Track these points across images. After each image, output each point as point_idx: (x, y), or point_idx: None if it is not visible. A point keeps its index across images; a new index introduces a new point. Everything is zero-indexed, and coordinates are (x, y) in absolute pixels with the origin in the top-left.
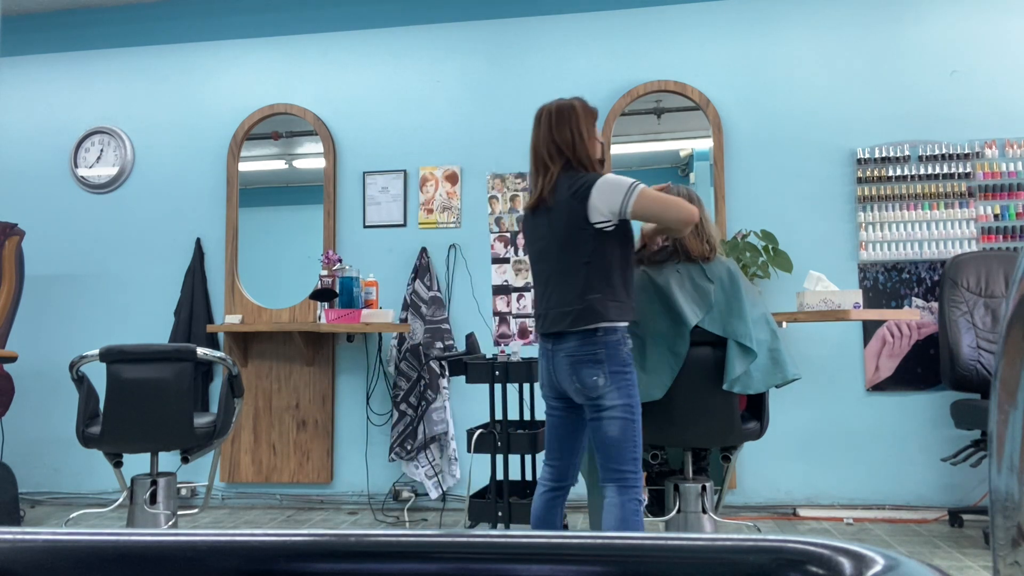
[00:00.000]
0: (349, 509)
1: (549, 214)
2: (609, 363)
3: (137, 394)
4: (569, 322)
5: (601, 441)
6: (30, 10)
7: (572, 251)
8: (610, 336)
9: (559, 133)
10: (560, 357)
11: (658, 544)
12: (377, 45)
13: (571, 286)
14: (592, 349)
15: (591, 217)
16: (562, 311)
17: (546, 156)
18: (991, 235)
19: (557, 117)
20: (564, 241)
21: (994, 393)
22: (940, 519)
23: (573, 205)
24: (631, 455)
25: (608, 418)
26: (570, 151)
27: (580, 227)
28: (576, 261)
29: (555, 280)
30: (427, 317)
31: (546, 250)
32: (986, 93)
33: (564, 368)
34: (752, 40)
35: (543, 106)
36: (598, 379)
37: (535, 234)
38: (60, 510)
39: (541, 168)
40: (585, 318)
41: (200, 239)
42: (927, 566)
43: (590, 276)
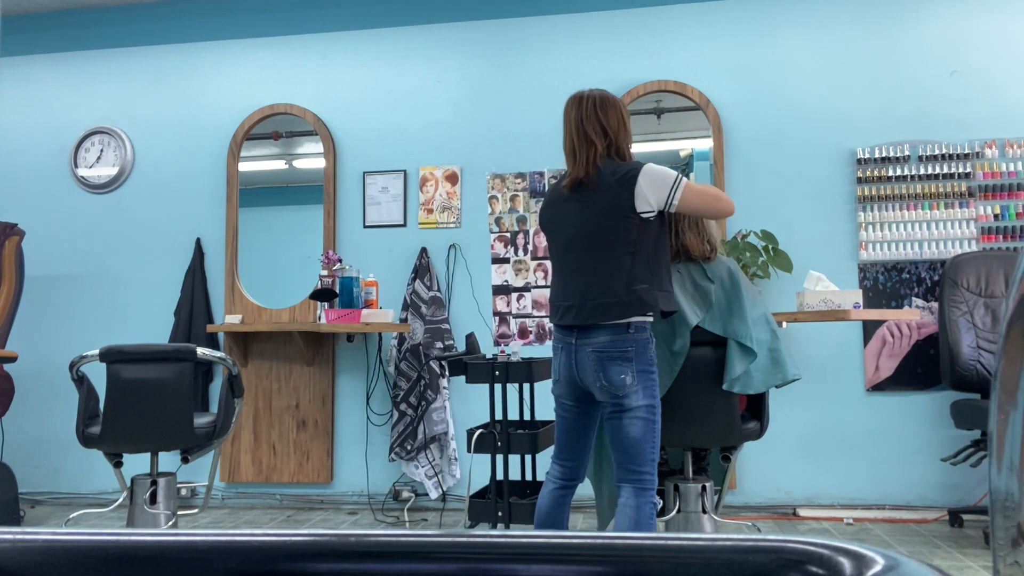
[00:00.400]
0: (349, 509)
1: (586, 200)
2: (637, 361)
3: (137, 394)
4: (615, 313)
5: (621, 441)
6: (30, 10)
7: (615, 239)
8: (640, 334)
9: (606, 116)
10: (586, 352)
11: (658, 544)
12: (377, 45)
13: (615, 276)
14: (622, 346)
15: (637, 205)
16: (604, 302)
17: (592, 133)
18: (991, 235)
19: (602, 102)
20: (607, 229)
21: (994, 393)
22: (940, 519)
23: (618, 191)
24: (650, 456)
25: (631, 418)
26: (615, 136)
27: (625, 215)
28: (620, 250)
29: (593, 269)
30: (427, 317)
31: (580, 237)
32: (986, 93)
33: (590, 363)
34: (752, 40)
35: (579, 92)
36: (625, 377)
37: (566, 220)
38: (60, 510)
39: (584, 145)
40: (634, 308)
41: (200, 239)
42: (927, 566)
43: (635, 266)
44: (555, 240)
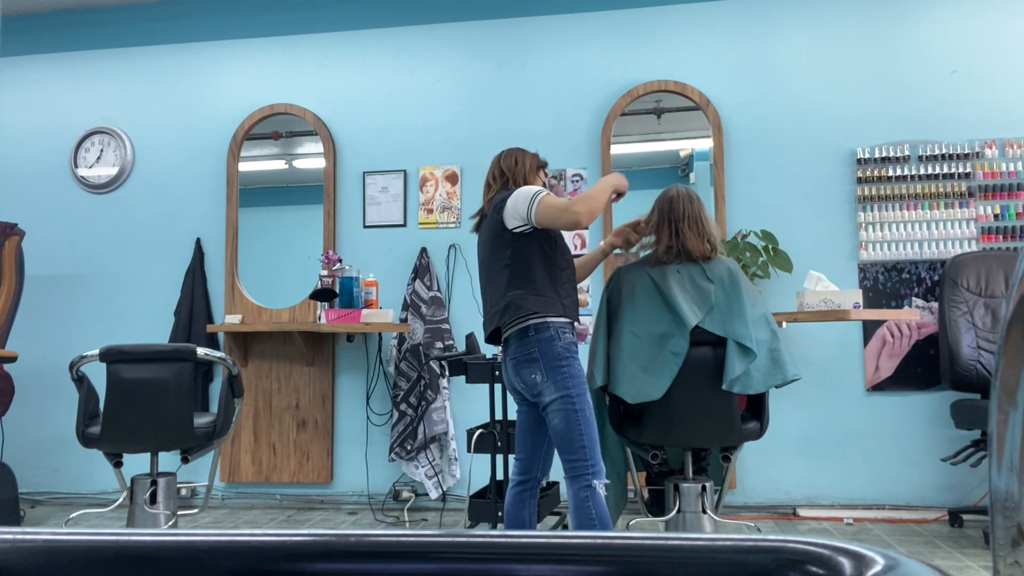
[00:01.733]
0: (349, 509)
1: (484, 227)
2: (543, 360)
3: (137, 394)
4: (496, 319)
5: (552, 434)
6: (30, 10)
7: (494, 257)
8: (542, 334)
9: (506, 161)
10: (507, 361)
11: (658, 544)
12: (377, 45)
13: (496, 288)
14: (527, 349)
15: (508, 223)
16: (490, 312)
17: (490, 178)
18: (991, 235)
19: (507, 152)
20: (490, 250)
21: (994, 393)
22: (940, 519)
23: (494, 216)
24: (579, 444)
25: (551, 412)
26: (510, 173)
27: (500, 234)
28: (497, 265)
29: (490, 286)
30: (427, 317)
31: (480, 262)
32: (986, 93)
33: (510, 370)
34: (752, 40)
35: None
36: (535, 376)
37: (478, 244)
38: (60, 510)
39: (487, 187)
40: (508, 313)
41: (200, 239)
42: (927, 566)
43: (513, 276)
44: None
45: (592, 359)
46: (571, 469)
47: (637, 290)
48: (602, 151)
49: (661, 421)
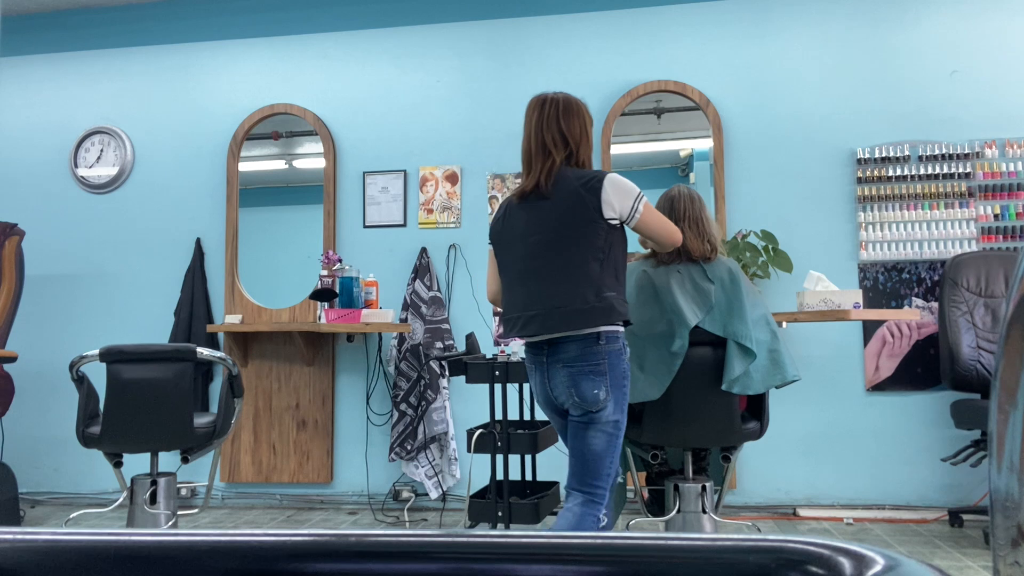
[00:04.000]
0: (349, 509)
1: (547, 207)
2: (611, 375)
3: (137, 394)
4: (586, 321)
5: (583, 451)
6: (30, 10)
7: (584, 245)
8: (613, 344)
9: (567, 123)
10: (557, 368)
11: (658, 544)
12: (377, 45)
13: (585, 282)
14: (595, 360)
15: (604, 211)
16: (574, 309)
17: (551, 143)
18: (991, 235)
19: (565, 108)
20: (574, 233)
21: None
22: (940, 519)
23: (584, 196)
24: (607, 471)
25: (598, 431)
26: (575, 145)
27: (593, 219)
28: (589, 256)
29: (559, 276)
30: (427, 317)
31: (544, 244)
32: (986, 93)
33: (562, 380)
34: (752, 40)
35: (543, 94)
36: (599, 392)
37: (527, 229)
38: (60, 510)
39: (541, 154)
40: (605, 316)
41: (200, 239)
42: (927, 566)
43: (604, 273)
44: (511, 250)
45: None
46: (591, 494)
47: (637, 290)
48: (602, 151)
49: (661, 421)
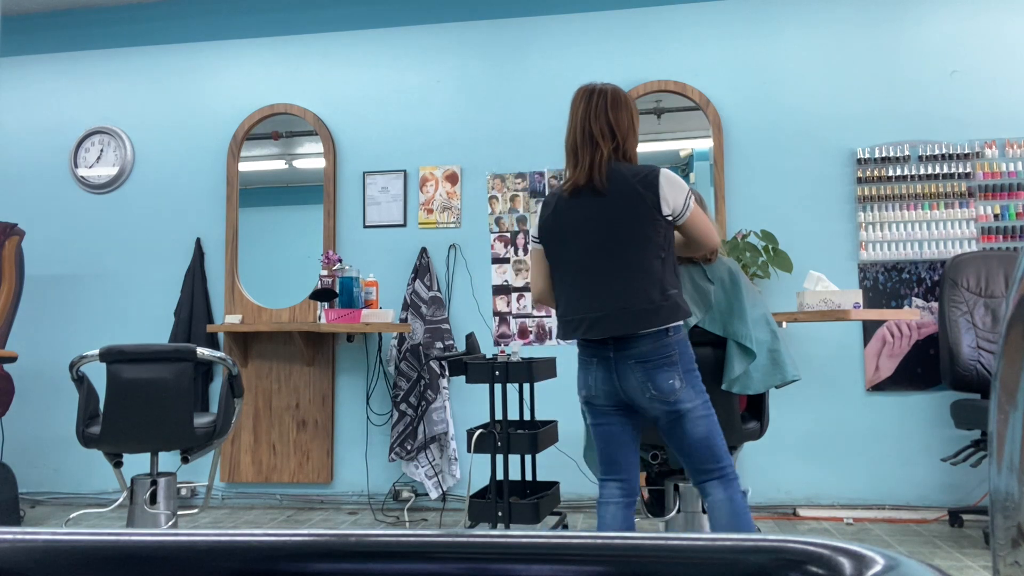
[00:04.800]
0: (349, 509)
1: (604, 204)
2: (682, 363)
3: (137, 394)
4: (656, 319)
5: (690, 444)
6: (30, 10)
7: (646, 243)
8: (679, 334)
9: (616, 115)
10: (629, 364)
11: (658, 544)
12: (377, 45)
13: (650, 281)
14: (666, 351)
15: (662, 208)
16: (643, 308)
17: (598, 134)
18: (991, 235)
19: (614, 99)
20: (636, 232)
21: (994, 393)
22: (940, 519)
23: (643, 193)
24: (721, 448)
25: (692, 419)
26: (622, 137)
27: (653, 217)
28: (652, 254)
29: (624, 276)
30: (427, 317)
31: (604, 243)
32: (986, 93)
33: (636, 375)
34: (752, 40)
35: (590, 85)
36: (674, 382)
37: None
38: (60, 510)
39: (589, 145)
40: (672, 315)
41: (200, 239)
42: (927, 566)
43: (665, 270)
44: (566, 249)
45: None
46: (721, 475)
47: None
48: None
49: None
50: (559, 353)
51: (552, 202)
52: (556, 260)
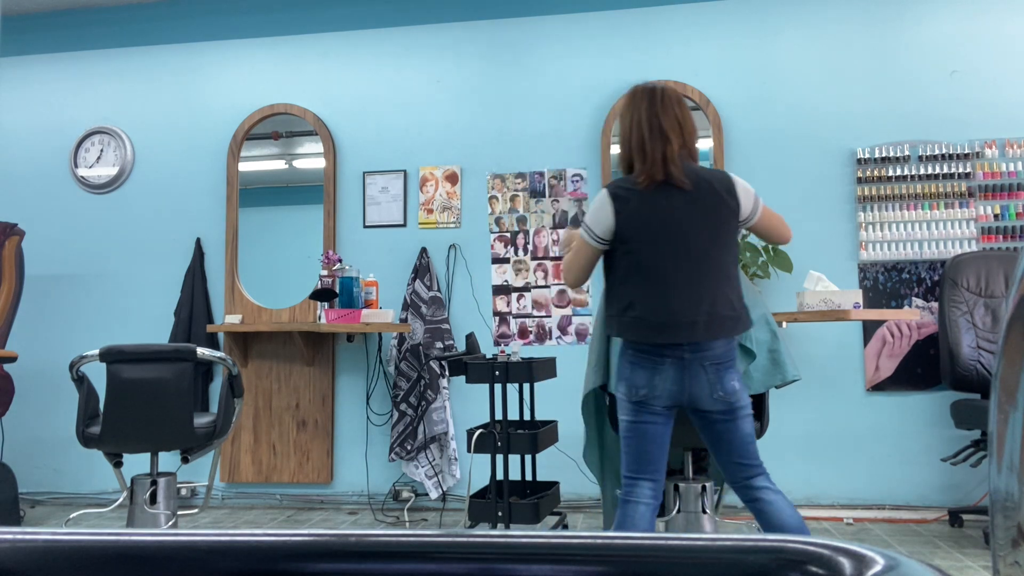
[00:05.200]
0: (349, 509)
1: (688, 200)
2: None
3: (137, 394)
4: (737, 328)
5: (739, 441)
6: (30, 10)
7: (727, 249)
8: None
9: (682, 112)
10: (704, 365)
11: (658, 544)
12: (377, 45)
13: (733, 289)
14: (732, 354)
15: (740, 213)
16: (727, 316)
17: (668, 128)
18: (991, 235)
19: (678, 98)
20: (721, 238)
21: (994, 393)
22: (940, 519)
23: (725, 199)
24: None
25: (744, 416)
26: (688, 135)
27: (735, 225)
28: (730, 260)
29: (710, 280)
30: (427, 317)
31: (692, 245)
32: (986, 93)
33: (708, 376)
34: (752, 40)
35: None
36: (736, 383)
37: (668, 224)
38: (60, 510)
39: (659, 140)
40: (747, 322)
41: (200, 239)
42: (927, 566)
43: (739, 278)
44: (653, 244)
45: (591, 358)
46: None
47: None
48: (602, 151)
49: None
50: (559, 353)
51: (627, 196)
52: (633, 258)
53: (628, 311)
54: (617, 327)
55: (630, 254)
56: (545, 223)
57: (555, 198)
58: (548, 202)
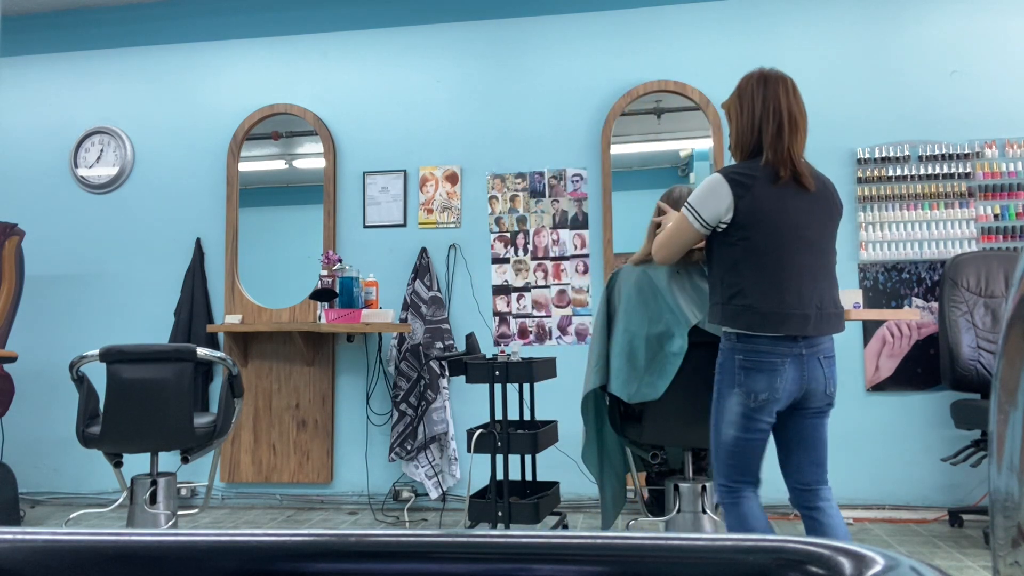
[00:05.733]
0: (349, 509)
1: (811, 201)
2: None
3: (137, 394)
4: (842, 324)
5: (822, 440)
6: (30, 10)
7: (833, 250)
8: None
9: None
10: (821, 359)
11: (658, 544)
12: (377, 45)
13: (836, 288)
14: (833, 348)
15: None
16: (836, 312)
17: (800, 119)
18: (991, 235)
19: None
20: (832, 237)
21: (994, 393)
22: (940, 519)
23: (837, 200)
24: None
25: (828, 415)
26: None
27: (838, 225)
28: (835, 262)
29: (821, 277)
30: (427, 317)
31: (812, 241)
32: (986, 93)
33: (824, 370)
34: (752, 40)
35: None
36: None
37: (794, 218)
38: (60, 510)
39: (794, 131)
40: (843, 323)
41: (200, 239)
42: (927, 566)
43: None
44: (772, 236)
45: (591, 359)
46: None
47: (637, 290)
48: (602, 151)
49: (661, 421)
50: (559, 353)
51: (748, 183)
52: (748, 245)
53: (735, 299)
54: (722, 315)
55: (746, 241)
56: (545, 223)
57: (555, 198)
58: (548, 202)
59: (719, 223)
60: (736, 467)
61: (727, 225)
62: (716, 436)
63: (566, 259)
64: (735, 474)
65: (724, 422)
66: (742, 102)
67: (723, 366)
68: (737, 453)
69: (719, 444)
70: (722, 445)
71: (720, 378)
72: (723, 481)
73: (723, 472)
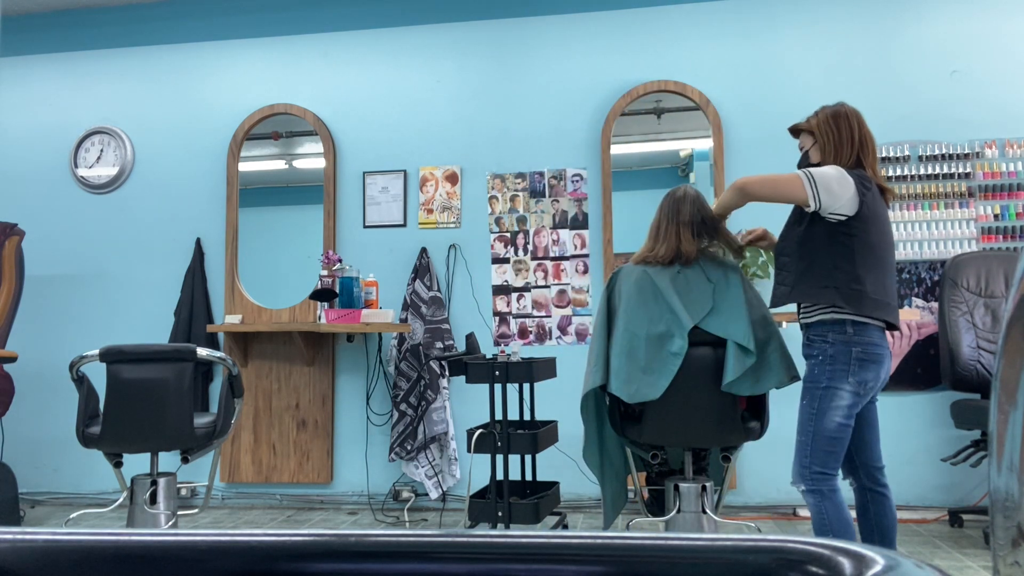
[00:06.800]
0: (349, 509)
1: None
2: None
3: (137, 394)
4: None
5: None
6: (30, 10)
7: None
8: None
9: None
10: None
11: (658, 544)
12: (377, 45)
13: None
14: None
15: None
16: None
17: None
18: (991, 235)
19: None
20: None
21: (994, 393)
22: (940, 519)
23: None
24: None
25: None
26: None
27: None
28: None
29: (891, 268)
30: (427, 317)
31: (889, 242)
32: (986, 93)
33: (888, 362)
34: (752, 40)
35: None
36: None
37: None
38: (60, 510)
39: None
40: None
41: (200, 239)
42: (927, 566)
43: None
44: (881, 234)
45: (591, 358)
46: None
47: (637, 290)
48: (602, 151)
49: (661, 421)
50: (559, 353)
51: (867, 185)
52: (866, 238)
53: (854, 284)
54: (840, 298)
55: (865, 234)
56: (545, 223)
57: (555, 198)
58: (548, 202)
59: (831, 210)
60: (835, 454)
61: (848, 217)
62: (816, 424)
63: (566, 259)
64: (833, 462)
65: (831, 410)
66: (850, 122)
67: (835, 357)
68: (839, 440)
69: (819, 433)
70: (824, 433)
71: (831, 368)
72: (821, 469)
73: (821, 461)
